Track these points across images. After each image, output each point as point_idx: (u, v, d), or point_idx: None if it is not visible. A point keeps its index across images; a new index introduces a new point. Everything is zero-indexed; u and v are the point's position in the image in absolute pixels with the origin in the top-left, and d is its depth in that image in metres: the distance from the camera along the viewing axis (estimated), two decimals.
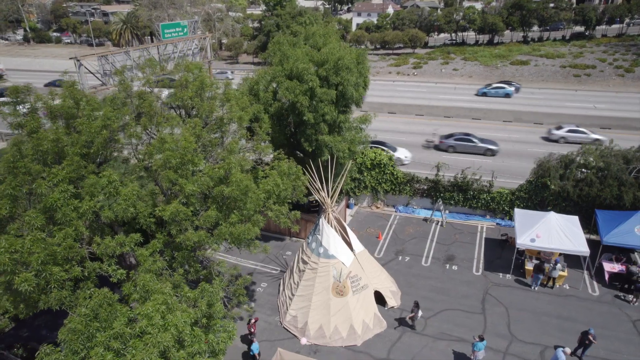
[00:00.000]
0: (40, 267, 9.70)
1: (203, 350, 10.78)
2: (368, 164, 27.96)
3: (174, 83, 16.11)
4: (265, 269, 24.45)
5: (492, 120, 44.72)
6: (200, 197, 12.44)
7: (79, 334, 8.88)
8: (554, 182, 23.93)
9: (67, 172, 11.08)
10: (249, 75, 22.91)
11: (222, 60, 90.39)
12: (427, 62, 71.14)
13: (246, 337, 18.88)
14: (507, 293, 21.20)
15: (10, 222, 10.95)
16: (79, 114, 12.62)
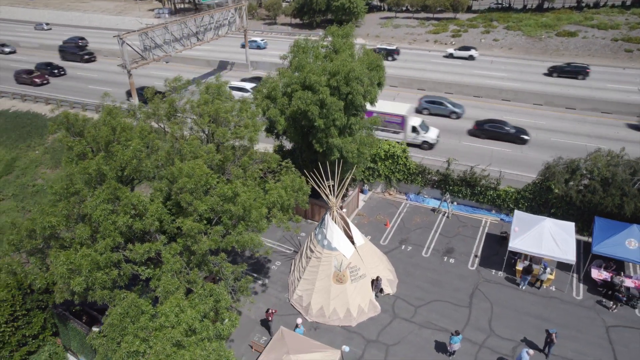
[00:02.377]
0: (87, 274, 12.90)
1: (210, 335, 13.78)
2: (382, 155, 29.56)
3: (196, 101, 18.27)
4: (281, 248, 27.36)
5: (522, 103, 44.02)
6: (211, 212, 15.01)
7: (115, 327, 12.04)
8: (558, 187, 24.77)
9: (107, 194, 13.95)
10: (270, 74, 24.56)
11: (261, 20, 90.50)
12: (467, 30, 68.60)
13: (265, 322, 21.60)
14: (495, 290, 23.10)
15: (64, 233, 14.12)
16: (116, 138, 15.29)
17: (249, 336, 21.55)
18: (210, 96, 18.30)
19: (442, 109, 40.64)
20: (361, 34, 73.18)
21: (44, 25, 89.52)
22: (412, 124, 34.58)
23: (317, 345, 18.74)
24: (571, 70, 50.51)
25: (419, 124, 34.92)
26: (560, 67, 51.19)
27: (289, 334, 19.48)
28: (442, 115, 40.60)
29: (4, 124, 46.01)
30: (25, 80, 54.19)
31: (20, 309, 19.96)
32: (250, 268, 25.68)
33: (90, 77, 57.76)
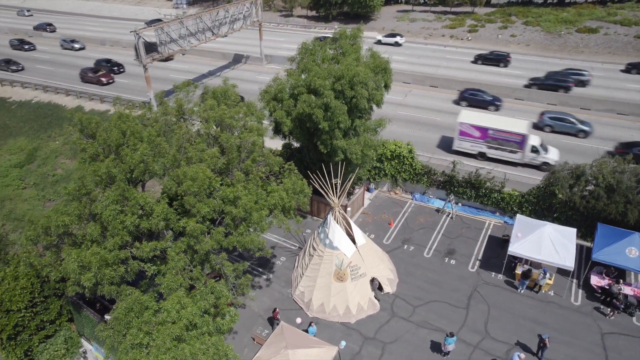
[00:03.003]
0: (96, 270, 13.88)
1: (211, 330, 14.67)
2: (388, 155, 29.95)
3: (202, 106, 19.00)
4: (286, 244, 28.17)
5: (536, 102, 43.55)
6: (214, 213, 15.82)
7: (120, 320, 13.01)
8: (562, 192, 24.85)
9: (115, 195, 14.86)
10: (277, 75, 25.09)
11: (277, 12, 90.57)
12: (484, 25, 67.61)
13: (272, 319, 22.21)
14: (494, 292, 23.48)
15: (76, 230, 15.14)
16: (126, 141, 16.18)
17: (252, 329, 22.48)
18: (216, 101, 18.99)
19: (568, 127, 36.29)
20: (376, 28, 72.86)
21: (24, 11, 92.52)
22: (532, 143, 31.20)
23: (315, 340, 19.52)
24: (493, 58, 53.89)
25: (539, 143, 31.68)
26: (484, 55, 54.67)
27: (288, 329, 20.30)
28: (568, 133, 36.26)
29: (27, 114, 47.77)
30: (91, 79, 52.33)
31: (38, 296, 21.25)
32: (256, 263, 26.61)
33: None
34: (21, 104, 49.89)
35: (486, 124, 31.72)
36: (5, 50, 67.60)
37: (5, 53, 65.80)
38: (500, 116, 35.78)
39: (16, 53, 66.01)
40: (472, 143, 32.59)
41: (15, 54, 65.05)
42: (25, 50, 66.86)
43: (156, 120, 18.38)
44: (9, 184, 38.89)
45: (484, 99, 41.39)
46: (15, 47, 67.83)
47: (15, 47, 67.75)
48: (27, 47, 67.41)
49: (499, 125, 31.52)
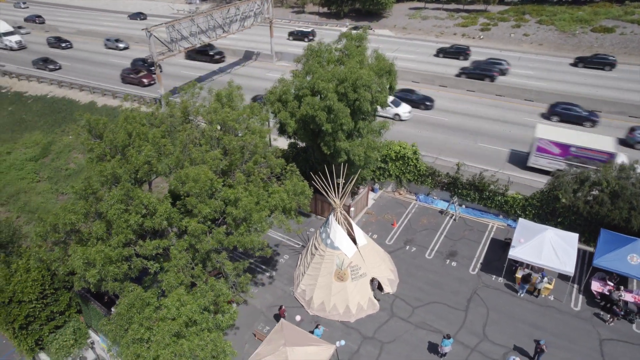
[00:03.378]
0: (100, 267, 14.48)
1: (210, 327, 15.18)
2: (393, 156, 30.12)
3: (206, 109, 19.45)
4: (290, 242, 28.62)
5: (545, 104, 43.15)
6: (215, 213, 16.30)
7: (123, 316, 13.58)
8: (565, 196, 24.78)
9: (120, 195, 15.41)
10: (283, 76, 25.41)
11: (289, 8, 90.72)
12: (497, 23, 66.90)
13: (278, 317, 22.47)
14: (493, 295, 23.62)
15: (83, 228, 15.79)
16: (131, 142, 16.73)
17: (253, 325, 22.99)
18: (220, 104, 19.42)
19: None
20: (388, 25, 72.61)
21: (20, 4, 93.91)
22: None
23: (313, 338, 19.94)
24: (454, 51, 56.11)
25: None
26: (446, 49, 57.19)
27: (288, 326, 20.75)
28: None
29: (42, 108, 48.93)
30: (132, 80, 50.77)
31: (49, 288, 22.04)
32: (259, 260, 27.11)
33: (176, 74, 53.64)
34: (37, 99, 51.11)
35: (568, 141, 29.48)
36: (42, 49, 67.26)
37: (42, 52, 65.42)
38: (582, 132, 32.89)
39: (53, 51, 65.71)
40: (551, 160, 30.34)
41: (52, 52, 64.83)
42: (62, 49, 66.44)
43: (162, 122, 18.88)
44: (24, 177, 40.04)
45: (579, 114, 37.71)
46: (52, 45, 67.57)
47: (53, 45, 67.50)
48: (64, 45, 66.90)
49: (583, 142, 29.24)
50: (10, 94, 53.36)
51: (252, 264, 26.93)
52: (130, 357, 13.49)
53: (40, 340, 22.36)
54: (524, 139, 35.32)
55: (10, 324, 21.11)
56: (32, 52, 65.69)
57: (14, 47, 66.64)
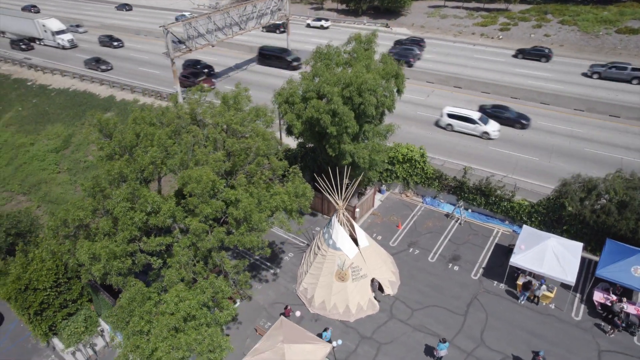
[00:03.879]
0: (105, 262, 15.28)
1: (208, 322, 15.83)
2: (400, 158, 30.27)
3: (211, 111, 20.05)
4: (295, 240, 29.14)
5: (562, 108, 42.42)
6: (217, 213, 16.92)
7: (124, 309, 14.33)
8: (571, 204, 24.58)
9: (126, 193, 16.16)
10: (292, 79, 25.82)
11: (308, 4, 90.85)
12: (517, 23, 65.71)
13: (281, 314, 23.31)
14: (494, 301, 23.68)
15: (92, 224, 16.64)
16: (139, 142, 17.46)
17: (255, 320, 23.66)
18: (226, 106, 19.99)
19: None
20: (406, 23, 72.12)
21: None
22: None
23: (310, 337, 20.43)
24: (409, 42, 57.79)
25: None
26: (402, 41, 59.26)
27: (287, 323, 21.30)
28: None
29: (64, 102, 50.59)
30: (191, 85, 43.24)
31: (62, 277, 23.12)
32: (264, 257, 27.76)
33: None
34: (60, 92, 52.84)
35: None
36: (93, 47, 66.15)
37: (93, 50, 64.23)
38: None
39: (105, 50, 64.46)
40: None
41: (103, 52, 63.59)
42: (114, 47, 64.98)
43: (169, 123, 19.58)
44: (45, 168, 41.63)
45: None
46: (104, 43, 66.13)
47: (104, 44, 66.04)
48: (117, 44, 65.18)
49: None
50: (35, 86, 55.29)
51: (258, 260, 27.59)
52: (130, 348, 14.29)
53: (53, 326, 23.49)
54: None
55: (26, 309, 22.27)
56: (83, 51, 64.43)
57: (66, 45, 65.41)
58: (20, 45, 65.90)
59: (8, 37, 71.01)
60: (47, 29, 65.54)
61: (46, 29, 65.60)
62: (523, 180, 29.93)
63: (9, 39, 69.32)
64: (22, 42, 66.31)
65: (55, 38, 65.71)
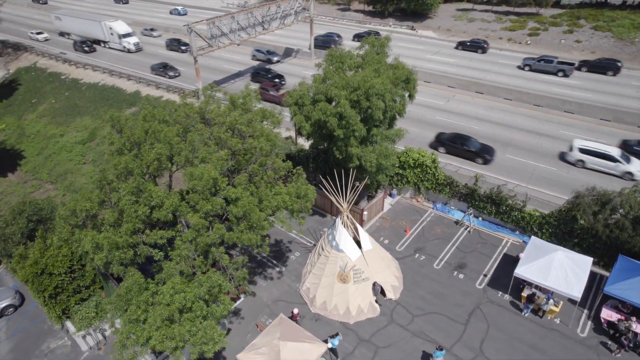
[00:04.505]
0: (107, 252, 16.06)
1: (204, 315, 16.37)
2: (411, 163, 30.14)
3: (217, 111, 20.62)
4: (302, 240, 29.50)
5: (587, 117, 41.13)
6: (220, 209, 17.47)
7: (122, 297, 15.02)
8: (584, 218, 23.93)
9: (131, 187, 16.91)
10: (303, 81, 26.17)
11: (335, 5, 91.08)
12: (547, 28, 63.91)
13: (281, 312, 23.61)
14: (496, 312, 23.34)
15: (99, 215, 17.49)
16: (147, 139, 18.22)
17: (257, 316, 24.16)
18: (233, 107, 20.55)
19: None
20: (432, 27, 71.33)
21: None
22: None
23: (307, 336, 20.72)
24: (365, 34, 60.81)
25: None
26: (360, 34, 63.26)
27: (286, 321, 21.67)
28: None
29: (93, 95, 52.70)
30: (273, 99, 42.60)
31: (77, 263, 24.25)
32: (271, 255, 28.27)
33: None
34: (90, 86, 55.06)
35: None
36: (158, 51, 64.21)
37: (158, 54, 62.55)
38: None
39: (171, 55, 62.25)
40: None
41: (170, 56, 61.35)
42: (181, 52, 62.20)
43: (178, 122, 20.29)
44: (72, 159, 43.53)
45: None
46: (170, 47, 63.89)
47: (171, 48, 63.84)
48: (184, 49, 61.57)
49: None
50: (68, 80, 57.79)
51: (264, 258, 28.12)
52: (126, 335, 15.00)
53: (67, 310, 24.67)
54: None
55: (41, 292, 23.49)
56: (148, 55, 62.79)
57: (132, 49, 63.91)
58: (83, 47, 65.03)
59: (72, 38, 70.81)
60: (113, 31, 64.31)
61: (113, 31, 64.36)
62: (538, 190, 29.36)
63: (73, 41, 69.04)
64: (85, 44, 65.53)
65: (121, 41, 64.36)
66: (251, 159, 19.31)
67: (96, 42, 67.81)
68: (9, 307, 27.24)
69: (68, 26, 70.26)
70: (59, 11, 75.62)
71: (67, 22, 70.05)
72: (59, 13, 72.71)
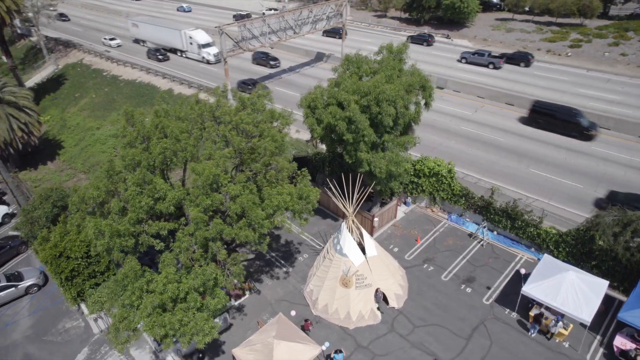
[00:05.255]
0: (108, 239, 16.87)
1: (198, 307, 16.83)
2: (426, 172, 29.69)
3: (224, 110, 21.21)
4: (313, 242, 29.66)
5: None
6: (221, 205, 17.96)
7: (118, 283, 15.70)
8: (603, 239, 22.75)
9: (137, 179, 17.70)
10: (319, 84, 26.40)
11: (373, 11, 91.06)
12: (591, 40, 61.14)
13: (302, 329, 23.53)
14: (501, 329, 22.53)
15: (106, 204, 18.43)
16: (156, 133, 19.04)
17: (260, 314, 24.50)
18: (242, 106, 21.10)
19: None
20: (468, 36, 69.93)
21: None
22: None
23: (303, 336, 20.82)
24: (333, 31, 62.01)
25: None
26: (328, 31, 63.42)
27: (284, 320, 21.85)
28: None
29: (130, 92, 55.22)
30: None
31: (93, 249, 25.47)
32: (280, 255, 28.61)
33: None
34: (127, 82, 57.73)
35: None
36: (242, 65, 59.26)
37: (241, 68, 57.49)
38: None
39: (258, 70, 57.46)
40: None
41: (256, 71, 56.94)
42: (270, 67, 57.72)
43: (186, 119, 21.05)
44: (105, 151, 45.72)
45: None
46: (258, 61, 58.91)
47: (259, 62, 58.89)
48: (273, 64, 57.76)
49: None
50: (109, 76, 60.85)
51: (273, 257, 28.49)
52: (119, 318, 15.68)
53: (81, 293, 25.95)
54: None
55: (58, 274, 24.85)
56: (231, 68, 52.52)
57: (211, 60, 59.69)
58: (157, 56, 62.20)
59: (147, 46, 68.51)
60: (193, 41, 60.86)
61: (192, 41, 60.95)
62: (561, 208, 28.16)
63: (147, 48, 66.67)
64: (159, 52, 62.70)
65: (200, 51, 60.51)
66: (256, 158, 19.71)
67: (172, 51, 64.95)
68: (33, 286, 28.99)
69: (144, 33, 68.10)
70: (137, 18, 73.53)
71: (144, 29, 67.91)
72: (136, 20, 70.67)
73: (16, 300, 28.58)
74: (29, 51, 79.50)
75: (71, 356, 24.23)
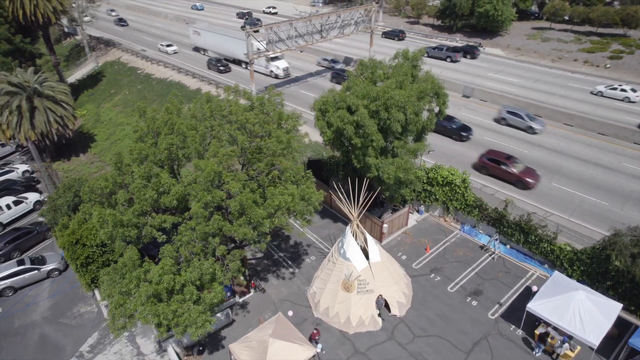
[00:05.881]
0: (112, 227, 17.62)
1: (194, 299, 17.28)
2: (439, 180, 29.20)
3: (231, 108, 21.70)
4: (321, 245, 29.74)
5: None
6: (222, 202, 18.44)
7: (117, 270, 16.36)
8: (619, 259, 21.67)
9: (143, 172, 18.42)
10: (333, 89, 26.53)
11: (406, 17, 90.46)
12: (633, 51, 58.34)
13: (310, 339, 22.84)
14: (504, 346, 21.82)
15: (114, 195, 19.34)
16: (165, 130, 19.77)
17: (262, 312, 24.79)
18: (251, 107, 21.60)
19: None
20: (501, 44, 68.24)
21: None
22: None
23: (299, 337, 20.90)
24: None
25: None
26: None
27: (282, 321, 22.02)
28: None
29: (161, 90, 57.23)
30: (508, 176, 31.58)
31: (98, 238, 26.45)
32: (288, 256, 28.87)
33: None
34: (159, 81, 59.86)
35: None
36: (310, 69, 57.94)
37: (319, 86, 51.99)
38: None
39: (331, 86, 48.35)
40: None
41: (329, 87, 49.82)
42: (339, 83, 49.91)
43: (194, 116, 21.71)
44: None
45: None
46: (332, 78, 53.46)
47: (332, 80, 53.21)
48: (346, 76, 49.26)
49: None
50: (142, 75, 63.30)
51: (280, 257, 28.79)
52: (115, 305, 16.33)
53: (95, 279, 27.08)
54: None
55: (74, 260, 26.05)
56: (300, 83, 54.45)
57: (280, 74, 55.63)
58: (218, 67, 58.92)
59: (208, 55, 65.59)
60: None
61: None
62: (581, 225, 27.04)
63: (208, 57, 63.68)
64: (221, 62, 59.42)
65: (268, 64, 56.08)
66: (261, 158, 20.05)
67: (235, 62, 61.48)
68: (54, 270, 30.53)
69: (206, 42, 65.17)
70: (199, 25, 70.42)
71: (206, 38, 64.92)
72: (198, 27, 67.48)
73: (38, 282, 30.20)
74: (73, 49, 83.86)
75: (82, 339, 25.35)
